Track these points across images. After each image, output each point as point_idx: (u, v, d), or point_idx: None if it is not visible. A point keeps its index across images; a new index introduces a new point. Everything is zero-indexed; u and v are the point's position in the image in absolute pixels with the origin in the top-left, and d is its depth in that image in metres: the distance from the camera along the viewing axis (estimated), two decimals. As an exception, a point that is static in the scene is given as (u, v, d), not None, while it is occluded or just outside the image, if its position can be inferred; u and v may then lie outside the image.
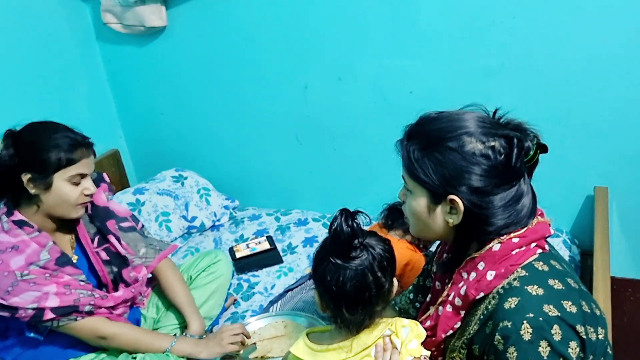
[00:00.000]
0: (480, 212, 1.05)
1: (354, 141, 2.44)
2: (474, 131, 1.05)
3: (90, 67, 2.69)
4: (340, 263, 1.09)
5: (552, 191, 2.18)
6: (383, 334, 1.14)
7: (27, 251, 1.48)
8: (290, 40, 2.35)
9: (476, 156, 1.03)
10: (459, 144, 1.04)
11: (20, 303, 1.45)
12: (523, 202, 1.08)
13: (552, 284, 1.03)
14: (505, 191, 1.05)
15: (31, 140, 1.48)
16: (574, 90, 2.02)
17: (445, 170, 1.05)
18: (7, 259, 1.46)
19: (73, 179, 1.50)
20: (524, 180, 1.08)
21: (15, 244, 1.48)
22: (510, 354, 0.99)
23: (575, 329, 0.99)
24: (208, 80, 2.59)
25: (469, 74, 2.13)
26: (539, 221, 1.11)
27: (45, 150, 1.46)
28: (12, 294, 1.44)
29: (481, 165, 1.03)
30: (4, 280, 1.44)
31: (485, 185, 1.04)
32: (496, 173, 1.04)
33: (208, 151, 2.78)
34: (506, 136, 1.04)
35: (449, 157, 1.05)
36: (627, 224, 2.15)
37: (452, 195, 1.05)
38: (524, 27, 1.99)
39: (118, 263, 1.70)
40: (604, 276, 1.61)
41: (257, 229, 2.56)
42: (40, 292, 1.47)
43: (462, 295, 1.11)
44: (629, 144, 2.02)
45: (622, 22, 1.87)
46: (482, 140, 1.04)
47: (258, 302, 2.10)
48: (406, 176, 1.13)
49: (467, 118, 1.07)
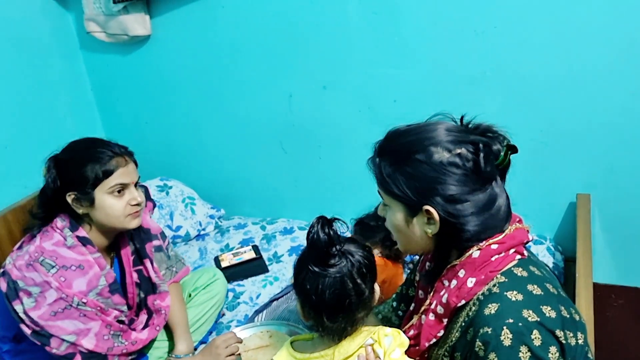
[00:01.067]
0: (456, 220, 1.06)
1: (339, 149, 2.45)
2: (440, 140, 1.06)
3: (74, 76, 2.68)
4: (318, 271, 1.09)
5: (536, 198, 2.20)
6: (365, 343, 1.14)
7: (89, 273, 1.46)
8: (275, 49, 2.35)
9: (444, 165, 1.05)
10: (426, 155, 1.06)
11: (60, 330, 1.42)
12: (497, 204, 1.09)
13: (531, 290, 1.04)
14: (478, 196, 1.06)
15: (68, 159, 1.47)
16: (557, 99, 2.04)
17: (417, 182, 1.07)
18: (71, 279, 1.43)
19: (114, 190, 1.46)
20: (496, 184, 1.09)
21: (81, 263, 1.45)
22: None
23: (555, 333, 0.99)
24: (193, 89, 2.58)
25: (452, 82, 2.15)
26: (517, 227, 1.12)
27: (81, 166, 1.44)
28: (57, 317, 1.42)
29: (451, 173, 1.05)
30: (59, 302, 1.41)
31: (458, 193, 1.05)
32: (466, 179, 1.05)
33: (193, 160, 2.76)
34: (472, 142, 1.06)
35: (419, 169, 1.06)
36: (610, 231, 2.17)
37: (426, 206, 1.07)
38: (505, 37, 2.02)
39: (146, 288, 1.67)
40: (586, 282, 1.62)
41: (242, 238, 2.55)
42: (85, 326, 1.45)
43: (444, 303, 1.11)
44: (610, 151, 2.05)
45: (603, 32, 1.90)
46: (449, 148, 1.05)
47: (243, 311, 2.09)
48: (381, 192, 1.16)
49: (434, 129, 1.09)
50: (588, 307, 1.50)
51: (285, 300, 2.05)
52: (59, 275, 1.42)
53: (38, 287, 1.41)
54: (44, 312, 1.41)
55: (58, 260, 1.43)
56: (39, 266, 1.42)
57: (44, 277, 1.41)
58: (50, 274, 1.41)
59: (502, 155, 1.06)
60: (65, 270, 1.43)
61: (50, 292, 1.41)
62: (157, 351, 1.79)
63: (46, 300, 1.41)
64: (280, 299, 2.07)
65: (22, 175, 2.38)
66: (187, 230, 2.54)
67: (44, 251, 1.44)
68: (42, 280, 1.41)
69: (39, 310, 1.41)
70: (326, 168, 2.53)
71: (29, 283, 1.41)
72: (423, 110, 1.20)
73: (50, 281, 1.41)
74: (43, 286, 1.41)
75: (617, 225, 2.15)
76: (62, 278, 1.42)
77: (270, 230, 2.59)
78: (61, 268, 1.43)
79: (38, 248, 1.44)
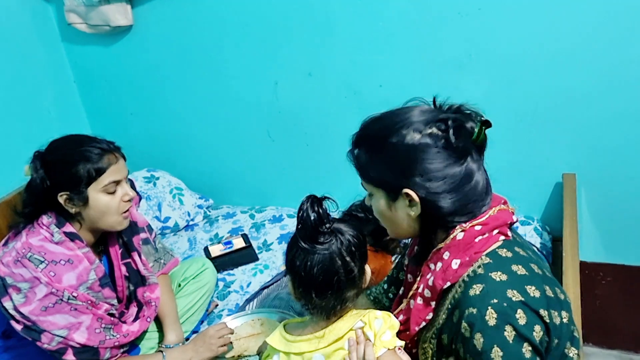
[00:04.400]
0: (435, 197, 1.07)
1: (326, 136, 2.44)
2: (411, 122, 1.07)
3: (56, 68, 2.64)
4: (307, 247, 1.10)
5: (522, 180, 2.21)
6: (355, 326, 1.15)
7: (79, 268, 1.45)
8: (259, 37, 2.33)
9: (417, 146, 1.06)
10: (398, 138, 1.07)
11: (51, 325, 1.42)
12: (475, 179, 1.09)
13: (516, 270, 1.04)
14: (454, 170, 1.06)
15: (57, 159, 1.45)
16: (542, 79, 2.04)
17: (393, 166, 1.08)
18: (61, 273, 1.42)
19: (108, 188, 1.45)
20: (472, 159, 1.09)
21: (70, 258, 1.44)
22: (477, 340, 1.00)
23: (539, 313, 1.00)
24: (177, 79, 2.56)
25: (437, 65, 2.14)
26: (501, 209, 1.12)
27: (72, 165, 1.42)
28: (48, 312, 1.41)
29: (423, 153, 1.05)
30: (50, 297, 1.40)
31: (433, 171, 1.06)
32: (440, 156, 1.06)
33: (180, 150, 2.75)
34: (441, 120, 1.06)
35: (393, 153, 1.08)
36: (596, 210, 2.18)
37: (405, 189, 1.08)
38: (490, 19, 2.01)
39: (135, 281, 1.67)
40: (573, 261, 1.64)
41: (231, 227, 2.55)
42: (76, 320, 1.44)
43: (430, 286, 1.12)
44: (595, 131, 2.05)
45: (587, 14, 1.90)
46: (419, 129, 1.06)
47: (234, 300, 2.09)
48: (363, 182, 1.17)
49: (405, 112, 1.10)
50: (575, 286, 1.51)
51: (275, 288, 2.06)
52: (48, 270, 1.41)
53: (27, 283, 1.40)
54: (34, 308, 1.41)
55: (47, 256, 1.42)
56: (28, 262, 1.40)
57: (33, 273, 1.40)
58: (40, 269, 1.40)
59: (476, 131, 1.07)
60: (55, 264, 1.42)
61: (40, 287, 1.40)
62: (148, 342, 1.79)
63: (36, 296, 1.40)
64: (271, 287, 2.08)
65: (6, 169, 2.35)
66: (175, 221, 2.54)
67: (31, 247, 1.43)
68: (32, 276, 1.40)
69: (29, 306, 1.40)
70: (314, 155, 2.52)
71: (17, 279, 1.40)
72: (409, 95, 1.20)
73: (40, 276, 1.40)
74: (33, 282, 1.40)
75: (603, 203, 2.17)
76: (51, 273, 1.41)
77: (259, 219, 2.58)
78: (50, 263, 1.42)
79: (25, 244, 1.43)
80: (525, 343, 0.99)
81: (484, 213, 1.11)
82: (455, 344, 1.06)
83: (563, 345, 1.05)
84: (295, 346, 1.17)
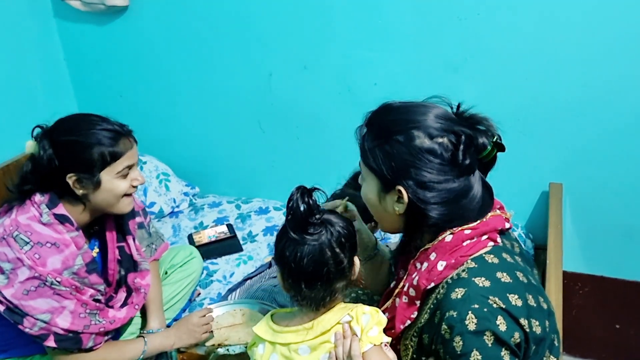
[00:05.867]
0: (423, 205, 1.08)
1: (318, 131, 2.44)
2: (425, 126, 1.07)
3: (46, 45, 2.60)
4: (297, 238, 1.10)
5: (509, 186, 2.21)
6: (342, 320, 1.15)
7: (65, 252, 1.41)
8: (256, 26, 2.32)
9: (422, 151, 1.06)
10: (407, 138, 1.07)
11: (33, 309, 1.38)
12: (471, 196, 1.10)
13: (500, 277, 1.05)
14: (450, 186, 1.07)
15: (69, 140, 1.39)
16: (532, 88, 2.06)
17: (393, 162, 1.08)
18: (45, 256, 1.38)
19: (121, 173, 1.42)
20: (473, 177, 1.10)
21: (57, 241, 1.40)
22: (457, 343, 1.01)
23: (519, 322, 1.01)
24: (169, 64, 2.54)
25: (433, 68, 2.15)
26: (494, 215, 1.13)
27: (87, 148, 1.37)
28: (30, 296, 1.37)
29: (427, 160, 1.06)
30: (32, 280, 1.36)
31: (429, 180, 1.06)
32: (441, 168, 1.06)
33: (168, 136, 2.72)
34: (456, 132, 1.06)
35: (397, 150, 1.08)
36: (579, 220, 2.21)
37: (399, 186, 1.09)
38: (487, 25, 2.02)
39: (127, 266, 1.63)
40: (556, 270, 1.66)
41: (217, 216, 2.53)
42: (59, 304, 1.40)
43: (415, 286, 1.13)
44: (584, 142, 2.08)
45: (581, 22, 1.92)
46: (432, 135, 1.06)
47: (216, 290, 2.08)
48: (361, 162, 1.17)
49: (424, 112, 1.09)
50: (557, 294, 1.53)
51: (258, 280, 2.05)
52: (33, 252, 1.37)
53: (10, 264, 1.36)
54: (16, 291, 1.37)
55: (32, 236, 1.38)
56: (12, 241, 1.36)
57: (16, 254, 1.36)
58: (24, 250, 1.36)
59: (487, 150, 1.07)
60: (40, 247, 1.38)
61: (22, 269, 1.36)
62: (130, 327, 1.77)
63: (18, 278, 1.37)
64: (254, 278, 2.07)
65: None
66: (160, 206, 2.52)
67: (19, 225, 1.38)
68: (15, 257, 1.36)
69: (11, 289, 1.37)
70: (304, 149, 2.52)
71: (2, 258, 1.36)
72: (403, 95, 1.20)
73: (23, 258, 1.36)
74: (15, 263, 1.36)
75: (586, 214, 2.20)
76: (36, 255, 1.37)
77: (245, 210, 2.57)
78: (36, 244, 1.38)
79: (13, 222, 1.39)
80: (503, 348, 1.00)
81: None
82: (435, 345, 1.06)
83: (542, 353, 1.07)
84: (282, 337, 1.17)
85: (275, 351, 1.18)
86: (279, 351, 1.17)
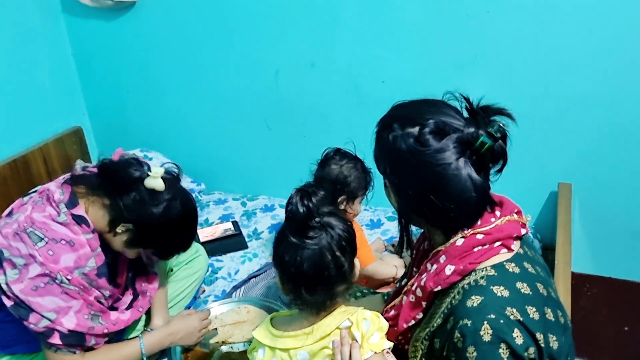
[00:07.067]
0: (404, 198, 1.10)
1: (324, 128, 2.42)
2: (400, 116, 1.07)
3: (54, 40, 2.60)
4: (296, 242, 1.08)
5: (517, 186, 2.19)
6: (341, 325, 1.12)
7: (79, 252, 1.39)
8: (263, 22, 2.31)
9: (394, 141, 1.06)
10: (391, 132, 1.06)
11: (40, 306, 1.36)
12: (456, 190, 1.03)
13: (520, 287, 1.01)
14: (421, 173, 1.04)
15: (177, 229, 1.46)
16: (542, 86, 2.04)
17: (380, 155, 1.11)
18: (59, 253, 1.36)
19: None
20: (456, 168, 1.02)
21: (72, 240, 1.38)
22: (470, 353, 0.98)
23: (535, 336, 0.98)
24: (177, 60, 2.53)
25: (441, 66, 2.13)
26: (510, 220, 1.09)
27: (173, 243, 1.49)
28: (38, 293, 1.35)
29: (397, 149, 1.05)
30: (41, 277, 1.35)
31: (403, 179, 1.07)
32: (409, 157, 1.04)
33: (175, 133, 2.72)
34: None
35: (381, 144, 1.10)
36: (588, 221, 2.19)
37: (385, 178, 1.11)
38: (496, 22, 2.00)
39: (136, 269, 1.63)
40: (564, 271, 1.64)
41: (222, 213, 2.53)
42: (66, 304, 1.39)
43: (422, 287, 1.11)
44: (595, 142, 2.06)
45: (591, 20, 1.90)
46: (403, 125, 1.05)
47: (221, 287, 2.07)
48: None
49: (408, 104, 1.11)
50: (566, 295, 1.51)
51: (263, 278, 2.04)
52: (47, 248, 1.35)
53: (22, 259, 1.35)
54: (25, 286, 1.35)
55: (48, 233, 1.36)
56: (26, 237, 1.35)
57: (29, 250, 1.34)
58: (37, 247, 1.35)
59: (479, 141, 1.01)
60: (55, 243, 1.36)
61: (33, 266, 1.35)
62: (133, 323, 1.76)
63: (29, 274, 1.35)
64: (259, 276, 2.06)
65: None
66: (166, 203, 2.51)
67: (34, 222, 1.37)
68: (27, 253, 1.34)
69: (20, 284, 1.35)
70: (310, 147, 2.48)
71: (14, 253, 1.35)
72: (411, 93, 1.19)
73: (36, 255, 1.34)
74: (27, 259, 1.35)
75: (595, 215, 2.18)
76: (50, 252, 1.35)
77: (250, 207, 2.57)
78: (50, 241, 1.36)
79: (28, 218, 1.37)
80: None
81: (490, 222, 1.07)
82: (447, 352, 1.03)
83: None
84: (281, 342, 1.15)
85: (275, 356, 1.16)
86: (279, 356, 1.16)
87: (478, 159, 1.03)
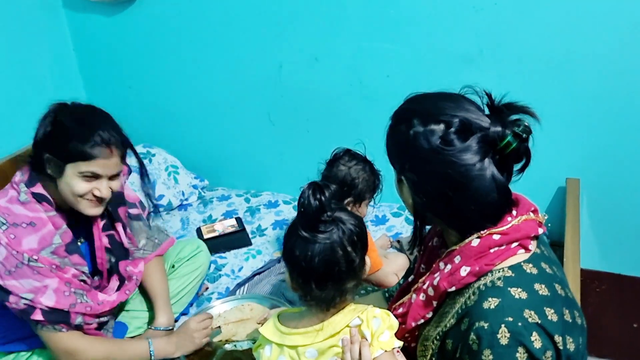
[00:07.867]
0: (423, 197, 1.05)
1: (328, 123, 2.40)
2: (422, 112, 1.02)
3: (56, 35, 2.58)
4: (307, 236, 1.07)
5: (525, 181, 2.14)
6: (351, 323, 1.11)
7: (42, 231, 1.41)
8: (267, 16, 2.28)
9: (415, 138, 1.01)
10: (408, 127, 1.02)
11: (16, 288, 1.38)
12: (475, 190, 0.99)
13: (538, 289, 0.98)
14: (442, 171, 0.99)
15: (66, 125, 1.40)
16: (550, 81, 2.02)
17: (395, 151, 1.07)
18: (21, 236, 1.39)
19: (84, 175, 1.40)
20: (480, 169, 0.98)
21: (32, 220, 1.41)
22: (486, 357, 0.95)
23: (554, 339, 0.95)
24: (179, 55, 2.51)
25: (447, 60, 2.10)
26: (527, 219, 1.05)
27: (70, 138, 1.38)
28: (12, 276, 1.38)
29: (417, 146, 1.01)
30: (10, 259, 1.38)
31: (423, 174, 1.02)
32: (431, 155, 1.00)
33: (178, 128, 2.70)
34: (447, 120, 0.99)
35: (397, 138, 1.05)
36: (597, 216, 2.17)
37: (402, 176, 1.06)
38: (504, 16, 1.97)
39: (118, 254, 1.62)
40: (573, 268, 1.61)
41: (226, 209, 2.51)
42: (41, 284, 1.40)
43: (435, 286, 1.08)
44: (602, 136, 2.03)
45: (600, 16, 1.87)
46: (433, 129, 1.00)
47: (225, 284, 2.06)
48: None
49: (427, 96, 1.06)
50: (575, 292, 1.47)
51: (267, 274, 2.03)
52: (9, 232, 1.39)
53: None
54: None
55: (9, 218, 1.40)
56: None
57: None
58: (1, 230, 1.38)
59: (505, 141, 0.98)
60: (16, 227, 1.39)
61: (0, 249, 1.38)
62: (136, 321, 1.76)
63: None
64: (263, 273, 2.05)
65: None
66: (169, 199, 2.49)
67: None
68: None
69: None
70: (314, 142, 2.48)
71: None
72: (416, 87, 1.15)
73: (0, 237, 1.38)
74: None
75: (604, 211, 2.15)
76: (12, 235, 1.39)
77: (254, 203, 2.55)
78: (11, 225, 1.39)
79: None
80: None
81: (507, 221, 1.03)
82: (461, 354, 1.00)
83: None
84: (290, 339, 1.13)
85: (283, 353, 1.15)
86: (287, 353, 1.14)
87: (501, 158, 1.01)
